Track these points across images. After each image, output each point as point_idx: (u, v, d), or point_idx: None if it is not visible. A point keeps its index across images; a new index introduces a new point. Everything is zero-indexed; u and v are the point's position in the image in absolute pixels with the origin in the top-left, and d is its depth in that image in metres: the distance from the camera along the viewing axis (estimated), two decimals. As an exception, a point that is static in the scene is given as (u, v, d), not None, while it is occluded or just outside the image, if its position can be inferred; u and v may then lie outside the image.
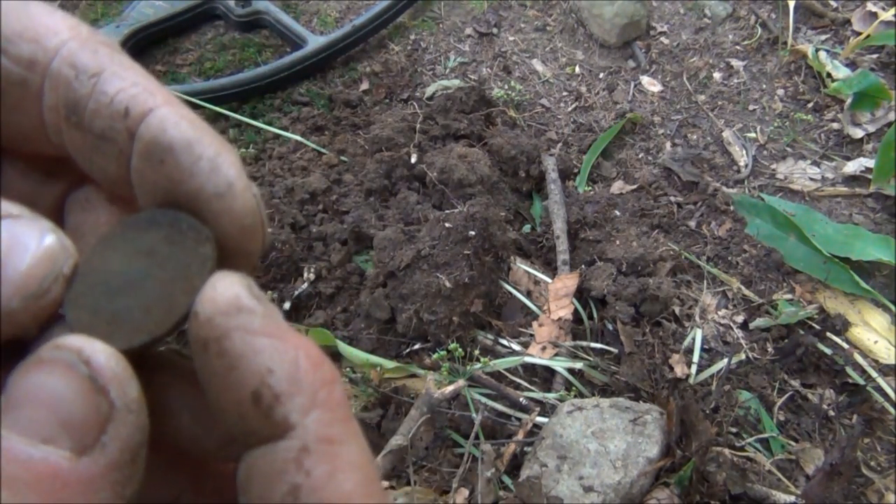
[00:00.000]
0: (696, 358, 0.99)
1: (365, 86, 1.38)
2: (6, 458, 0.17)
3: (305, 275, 1.07)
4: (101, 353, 0.19)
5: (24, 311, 0.19)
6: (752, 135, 1.29)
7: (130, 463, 0.18)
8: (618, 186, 1.22)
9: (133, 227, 0.22)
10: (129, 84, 0.21)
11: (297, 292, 1.05)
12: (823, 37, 1.42)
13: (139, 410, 0.19)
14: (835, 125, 1.29)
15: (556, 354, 0.98)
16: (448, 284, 0.95)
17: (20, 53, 0.21)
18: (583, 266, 1.06)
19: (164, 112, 0.21)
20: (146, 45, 1.42)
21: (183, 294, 0.21)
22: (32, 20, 0.22)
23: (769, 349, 1.01)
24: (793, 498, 0.84)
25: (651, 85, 1.38)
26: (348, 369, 0.98)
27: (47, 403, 0.18)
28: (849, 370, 0.97)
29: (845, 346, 1.00)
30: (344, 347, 0.98)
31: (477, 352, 0.97)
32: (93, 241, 0.23)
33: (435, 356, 0.94)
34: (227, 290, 0.19)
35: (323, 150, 1.24)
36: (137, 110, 0.21)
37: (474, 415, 0.91)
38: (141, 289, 0.21)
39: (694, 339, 1.01)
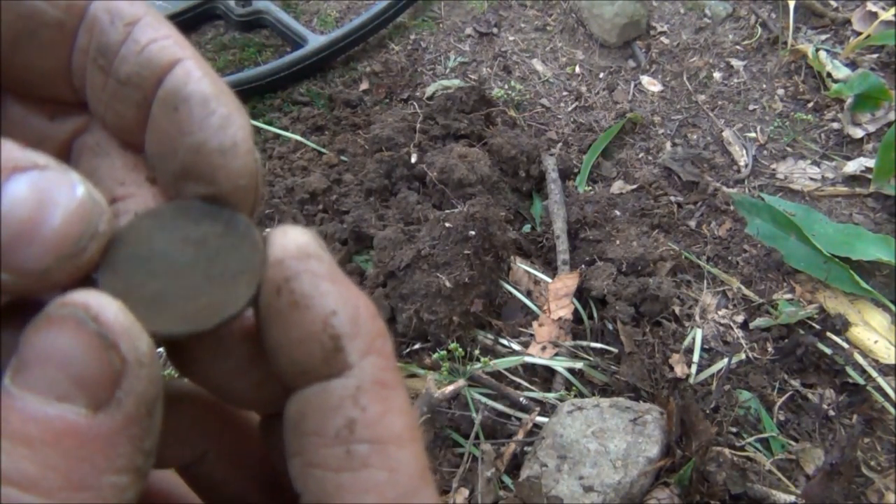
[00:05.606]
0: (696, 358, 0.99)
1: (365, 86, 1.38)
2: (23, 418, 0.17)
3: (305, 275, 1.07)
4: (109, 308, 0.18)
5: (58, 271, 0.19)
6: (752, 135, 1.29)
7: (147, 416, 0.18)
8: (618, 186, 1.22)
9: (185, 212, 0.22)
10: (161, 35, 0.22)
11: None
12: (823, 37, 1.42)
13: (151, 364, 0.19)
14: (835, 125, 1.29)
15: (556, 354, 0.98)
16: (448, 284, 0.95)
17: None
18: (583, 266, 1.06)
19: (190, 65, 0.22)
20: (146, 45, 1.42)
21: (232, 298, 0.20)
22: None
23: (769, 349, 1.01)
24: (793, 498, 0.84)
25: (651, 85, 1.38)
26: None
27: (59, 361, 0.18)
28: (849, 370, 0.97)
29: (845, 345, 1.00)
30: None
31: (477, 352, 0.97)
32: (110, 187, 0.23)
33: (435, 356, 0.94)
34: (298, 237, 0.20)
35: (323, 150, 1.24)
36: (166, 60, 0.21)
37: (474, 415, 0.91)
38: (186, 277, 0.21)
39: (694, 339, 1.01)
